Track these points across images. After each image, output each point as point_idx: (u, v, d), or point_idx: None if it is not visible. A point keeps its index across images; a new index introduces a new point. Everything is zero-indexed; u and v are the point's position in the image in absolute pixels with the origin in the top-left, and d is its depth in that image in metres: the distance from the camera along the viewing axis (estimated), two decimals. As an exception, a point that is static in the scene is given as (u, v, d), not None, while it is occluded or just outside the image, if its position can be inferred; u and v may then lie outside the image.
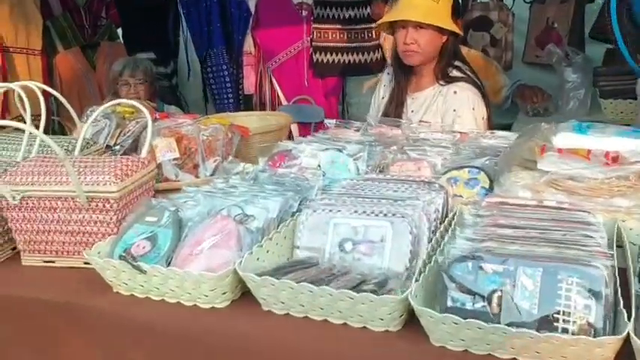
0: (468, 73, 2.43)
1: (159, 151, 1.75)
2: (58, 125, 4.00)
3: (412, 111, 2.51)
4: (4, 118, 3.51)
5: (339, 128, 2.14)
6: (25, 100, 1.67)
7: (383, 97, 2.66)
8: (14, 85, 1.71)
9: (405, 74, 2.52)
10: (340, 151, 1.73)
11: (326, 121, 2.18)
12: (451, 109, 2.35)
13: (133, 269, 1.25)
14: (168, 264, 1.29)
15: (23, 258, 1.50)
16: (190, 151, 1.79)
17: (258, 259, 1.26)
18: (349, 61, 3.96)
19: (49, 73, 3.89)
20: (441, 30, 2.31)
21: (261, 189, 1.50)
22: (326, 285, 1.13)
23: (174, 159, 1.77)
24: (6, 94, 3.53)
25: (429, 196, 1.38)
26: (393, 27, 2.41)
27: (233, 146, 1.89)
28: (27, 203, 1.42)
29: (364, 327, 1.14)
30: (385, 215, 1.30)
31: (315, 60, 3.96)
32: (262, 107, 4.15)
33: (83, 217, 1.41)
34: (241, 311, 1.23)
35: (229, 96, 4.29)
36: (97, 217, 1.40)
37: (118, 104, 2.03)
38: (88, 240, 1.43)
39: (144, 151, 1.63)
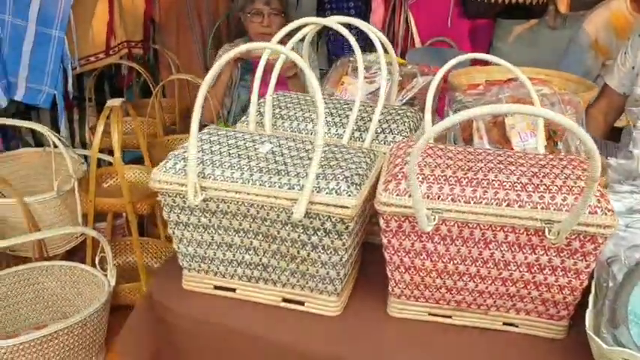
0: None
1: (514, 135, 1.17)
2: (153, 54, 3.37)
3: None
4: (109, 43, 2.84)
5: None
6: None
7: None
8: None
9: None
10: None
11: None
12: None
13: None
14: None
15: (393, 307, 0.95)
16: (556, 135, 1.21)
17: None
18: (508, 0, 3.31)
19: (150, -7, 3.21)
20: None
21: None
22: None
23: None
24: (112, 16, 2.87)
25: None
26: None
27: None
28: (438, 230, 0.86)
29: None
30: None
31: (467, -5, 3.31)
32: (389, 49, 3.52)
33: (540, 258, 0.85)
34: None
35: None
36: (568, 262, 0.84)
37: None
38: (528, 293, 0.88)
39: (540, 143, 1.05)
